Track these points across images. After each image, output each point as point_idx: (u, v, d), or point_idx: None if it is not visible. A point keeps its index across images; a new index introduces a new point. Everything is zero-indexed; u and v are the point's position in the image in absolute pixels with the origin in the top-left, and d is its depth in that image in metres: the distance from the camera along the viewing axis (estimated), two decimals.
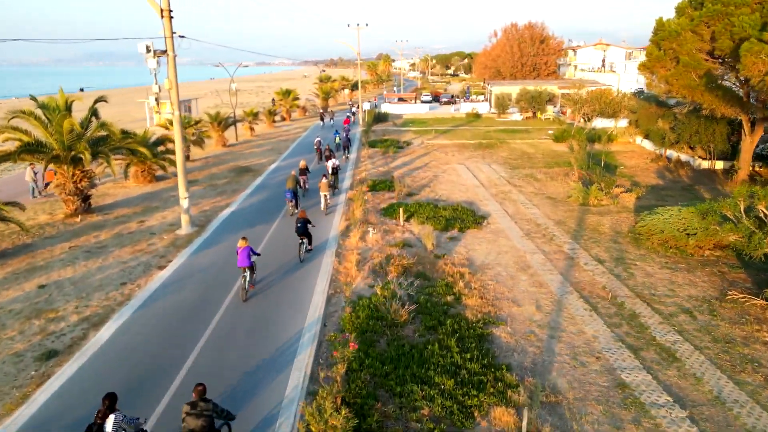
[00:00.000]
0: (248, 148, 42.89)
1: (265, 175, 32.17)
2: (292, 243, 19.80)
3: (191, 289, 15.81)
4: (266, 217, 23.34)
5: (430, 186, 29.63)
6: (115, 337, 13.03)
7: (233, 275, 16.71)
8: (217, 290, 15.78)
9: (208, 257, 18.50)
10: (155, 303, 14.91)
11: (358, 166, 35.89)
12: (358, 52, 58.93)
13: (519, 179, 31.38)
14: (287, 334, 13.17)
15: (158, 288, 15.90)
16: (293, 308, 14.58)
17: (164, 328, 13.45)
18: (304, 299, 15.15)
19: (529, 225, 22.39)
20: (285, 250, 19.27)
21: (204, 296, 15.34)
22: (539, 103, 62.24)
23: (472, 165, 35.91)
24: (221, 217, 23.38)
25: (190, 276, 16.81)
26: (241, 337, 13.02)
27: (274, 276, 16.93)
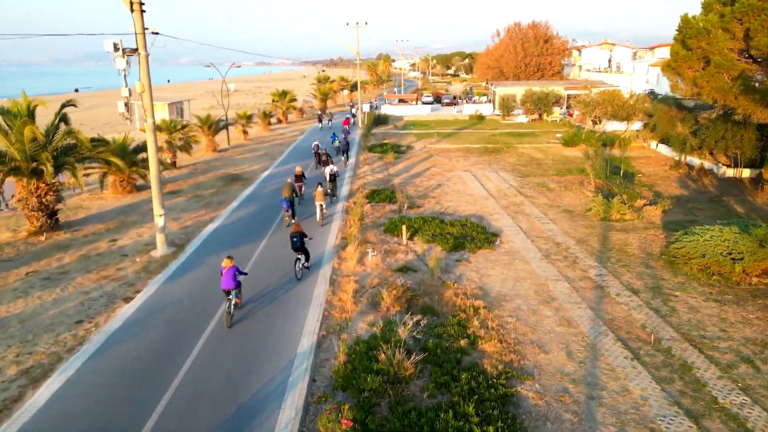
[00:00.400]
0: (240, 153, 40.50)
1: (256, 185, 29.78)
2: (283, 261, 17.50)
3: (158, 330, 13.42)
4: (255, 234, 20.96)
5: (435, 196, 27.25)
6: (55, 399, 10.64)
7: (211, 307, 14.35)
8: (190, 329, 13.39)
9: (184, 285, 16.11)
10: (112, 349, 12.52)
11: (356, 173, 33.53)
12: (357, 51, 56.58)
13: (530, 189, 29.00)
14: (267, 394, 10.78)
15: (119, 328, 13.50)
16: (276, 356, 12.19)
17: (118, 385, 11.07)
18: (290, 344, 12.75)
19: (548, 244, 20.00)
20: (275, 271, 16.93)
21: (172, 339, 12.95)
22: (546, 105, 59.88)
23: (478, 172, 33.53)
24: (203, 235, 20.98)
25: (159, 311, 14.42)
26: (211, 400, 10.64)
27: (260, 306, 14.55)
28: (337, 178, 28.21)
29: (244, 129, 45.41)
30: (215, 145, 39.21)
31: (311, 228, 22.18)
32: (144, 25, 17.30)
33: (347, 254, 18.46)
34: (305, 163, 35.97)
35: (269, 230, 21.59)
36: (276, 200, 26.05)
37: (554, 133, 50.43)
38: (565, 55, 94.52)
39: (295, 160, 36.31)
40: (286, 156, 39.34)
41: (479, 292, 15.65)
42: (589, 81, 76.63)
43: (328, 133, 47.15)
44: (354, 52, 56.86)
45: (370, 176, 32.75)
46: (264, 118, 51.81)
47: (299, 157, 38.90)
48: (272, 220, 23.01)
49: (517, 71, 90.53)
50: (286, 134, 51.40)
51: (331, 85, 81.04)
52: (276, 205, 25.24)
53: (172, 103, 53.50)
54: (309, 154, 39.97)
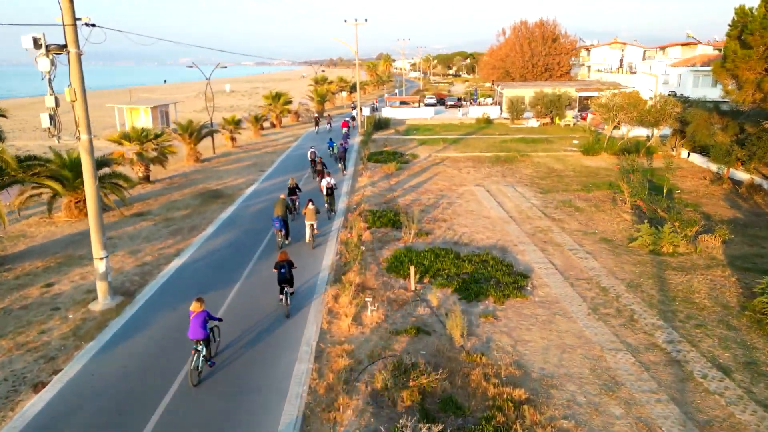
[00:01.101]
0: (226, 163, 36.46)
1: (238, 204, 25.75)
2: (262, 309, 13.49)
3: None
4: (229, 273, 16.95)
5: (446, 218, 23.23)
6: None
7: (157, 391, 10.33)
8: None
9: (124, 358, 12.11)
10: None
11: (355, 186, 29.52)
12: (356, 51, 52.58)
13: (556, 209, 24.98)
14: None
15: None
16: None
17: None
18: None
19: (592, 289, 15.98)
20: (252, 318, 12.92)
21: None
22: (558, 108, 55.85)
23: (493, 187, 29.51)
24: (163, 276, 16.95)
25: (77, 409, 10.41)
26: None
27: (227, 378, 10.55)
28: (335, 191, 24.59)
29: (231, 135, 41.39)
30: (197, 154, 35.20)
31: (300, 251, 18.95)
32: (75, 14, 13.27)
33: (340, 307, 14.44)
34: (299, 174, 32.02)
35: (247, 266, 17.57)
36: (259, 224, 22.10)
37: (570, 139, 46.44)
38: (573, 55, 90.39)
39: (287, 172, 32.36)
40: (277, 166, 35.33)
41: (516, 372, 11.61)
42: (601, 82, 72.62)
43: (326, 138, 43.25)
44: (353, 52, 52.86)
45: (371, 190, 28.76)
46: (255, 122, 47.78)
47: (292, 167, 34.92)
48: (253, 250, 19.00)
49: (523, 72, 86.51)
50: (279, 140, 47.36)
51: (329, 87, 76.97)
52: (259, 231, 21.28)
53: (156, 106, 49.51)
54: (304, 163, 36.01)
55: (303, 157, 38.07)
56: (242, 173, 32.99)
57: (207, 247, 19.61)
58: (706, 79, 52.68)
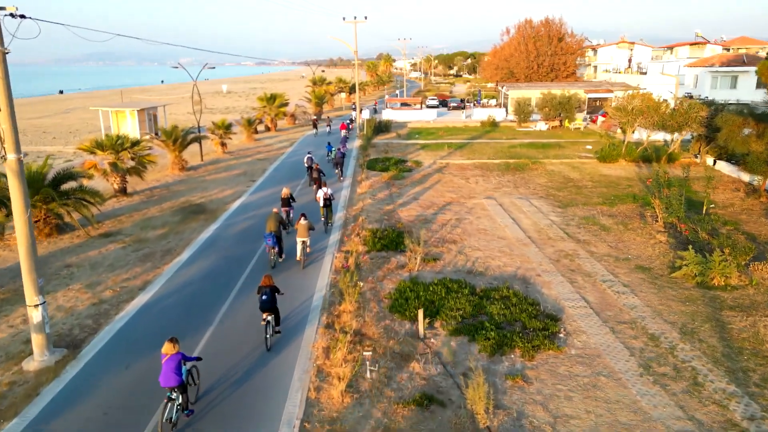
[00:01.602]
0: (214, 171, 33.69)
1: (221, 221, 22.98)
2: (237, 361, 10.75)
3: None
4: (200, 315, 14.19)
5: (456, 239, 20.48)
6: None
7: None
8: None
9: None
10: None
11: (353, 199, 26.76)
12: (355, 50, 49.86)
13: (579, 227, 22.22)
14: None
15: None
16: None
17: None
18: None
19: (639, 337, 13.19)
20: (222, 381, 10.14)
21: None
22: (568, 111, 53.06)
23: (505, 200, 26.74)
24: (122, 318, 14.17)
25: None
26: None
27: None
28: (332, 202, 22.39)
29: (221, 141, 38.62)
30: (183, 163, 32.43)
31: (290, 273, 16.86)
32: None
33: (332, 365, 11.66)
34: (293, 184, 29.28)
35: (224, 305, 14.80)
36: (243, 248, 19.37)
37: (582, 144, 43.67)
38: (579, 55, 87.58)
39: (280, 181, 29.61)
40: (269, 175, 32.56)
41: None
42: (610, 83, 69.91)
43: (324, 142, 40.62)
44: (352, 51, 50.11)
45: (370, 202, 26.02)
46: (248, 126, 44.99)
47: (286, 175, 32.18)
48: (232, 283, 16.23)
49: (528, 72, 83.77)
50: (273, 145, 44.58)
51: (327, 88, 74.16)
52: (242, 257, 18.53)
53: (143, 109, 46.70)
54: (299, 171, 33.35)
55: (298, 164, 35.36)
56: (230, 183, 30.20)
57: (179, 278, 16.82)
58: (725, 80, 50.02)
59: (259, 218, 22.86)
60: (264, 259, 18.35)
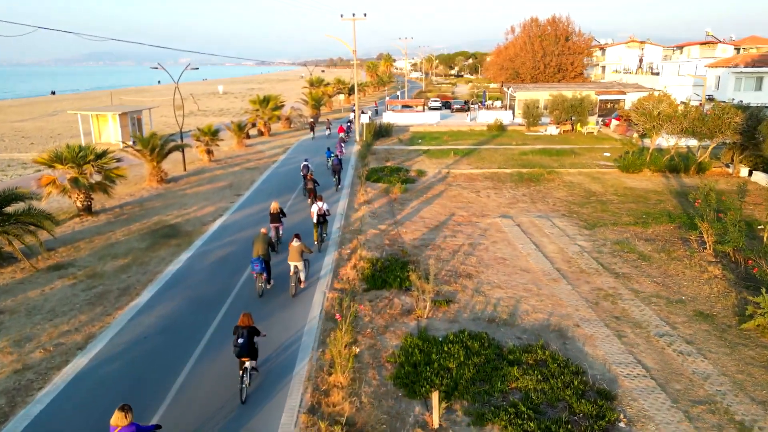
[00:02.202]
0: (196, 183, 30.41)
1: (196, 247, 19.71)
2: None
3: None
4: (150, 389, 10.95)
5: (471, 273, 17.24)
6: None
7: None
8: None
9: None
10: None
11: (350, 218, 23.53)
12: (353, 50, 46.61)
13: (613, 255, 18.97)
14: None
15: None
16: None
17: None
18: None
19: (723, 428, 9.95)
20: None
21: None
22: (581, 114, 49.80)
23: (523, 219, 23.52)
24: (47, 394, 10.88)
25: None
26: None
27: None
28: (327, 218, 19.92)
29: (207, 148, 35.35)
30: (161, 174, 29.15)
31: (280, 300, 14.62)
32: None
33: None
34: (284, 198, 26.05)
35: (183, 371, 11.55)
36: (216, 285, 16.15)
37: (599, 151, 40.43)
38: (587, 55, 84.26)
39: (269, 195, 26.39)
40: (258, 187, 29.31)
41: None
42: (622, 84, 66.71)
43: (322, 147, 37.59)
44: (350, 50, 46.86)
45: (370, 221, 22.82)
46: (238, 131, 41.71)
47: (276, 188, 28.96)
48: (197, 336, 12.99)
49: (534, 73, 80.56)
50: (265, 152, 41.32)
51: (325, 89, 70.86)
52: (214, 298, 15.32)
53: (126, 112, 43.45)
54: (292, 182, 30.19)
55: (291, 174, 32.16)
56: (212, 198, 26.93)
57: (131, 331, 13.54)
58: (749, 82, 46.79)
59: (241, 243, 19.66)
60: (242, 298, 15.17)
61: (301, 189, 27.49)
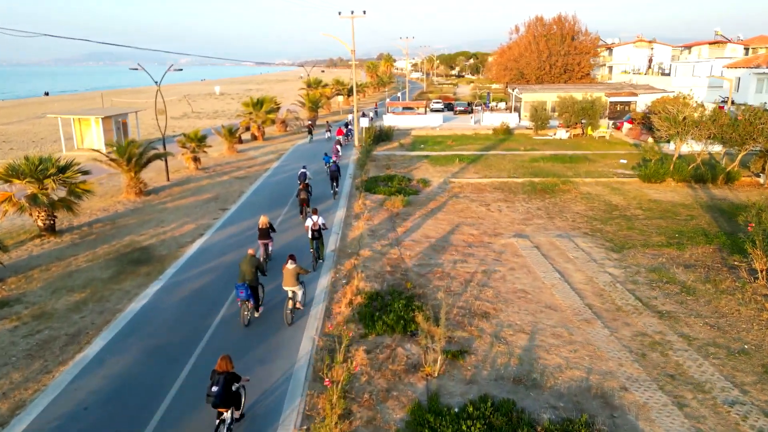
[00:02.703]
0: (179, 195, 27.76)
1: (169, 276, 17.05)
2: None
3: None
4: None
5: (487, 309, 14.62)
6: None
7: None
8: None
9: None
10: None
11: (347, 237, 20.90)
12: (352, 49, 43.99)
13: (651, 285, 16.34)
14: None
15: None
16: None
17: None
18: None
19: None
20: None
21: None
22: (592, 117, 47.15)
23: (541, 238, 20.89)
24: None
25: None
26: None
27: None
28: (324, 231, 18.25)
29: (193, 156, 32.70)
30: (140, 186, 26.50)
31: (269, 333, 13.25)
32: None
33: None
34: (274, 214, 23.41)
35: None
36: (190, 326, 13.58)
37: (614, 158, 37.80)
38: (594, 55, 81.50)
39: (259, 209, 23.76)
40: (247, 200, 26.66)
41: None
42: (632, 85, 64.07)
43: (320, 152, 35.24)
44: (349, 50, 44.24)
45: (368, 240, 20.20)
46: (229, 137, 39.05)
47: (267, 199, 26.36)
48: (155, 400, 10.36)
49: (540, 73, 77.88)
50: (257, 158, 38.69)
51: (323, 90, 68.19)
52: (182, 348, 12.66)
53: (110, 116, 40.79)
54: (283, 193, 27.70)
55: (284, 184, 29.58)
56: (195, 213, 24.28)
57: (71, 397, 10.88)
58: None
59: (221, 271, 17.07)
60: (216, 343, 12.54)
61: (295, 200, 24.94)
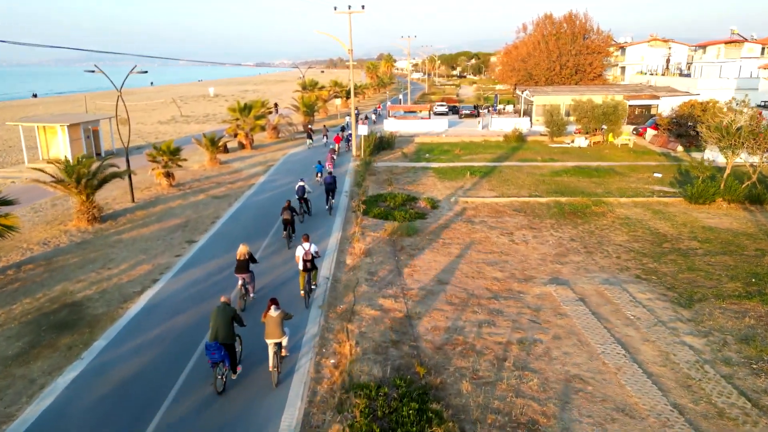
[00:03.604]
0: (140, 222, 23.29)
1: (98, 351, 12.59)
2: None
3: None
4: None
5: (535, 418, 10.24)
6: None
7: None
8: None
9: None
10: None
11: (338, 283, 16.50)
12: (349, 49, 39.61)
13: (751, 368, 11.95)
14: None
15: None
16: None
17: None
18: None
19: None
20: None
21: None
22: (614, 122, 42.74)
23: (585, 285, 16.48)
24: None
25: None
26: None
27: None
28: (317, 260, 15.08)
29: (166, 171, 28.27)
30: (93, 211, 22.05)
31: (249, 398, 10.91)
32: None
33: None
34: (256, 245, 18.94)
35: None
36: (131, 421, 9.07)
37: (645, 170, 33.40)
38: (606, 54, 77.00)
39: (236, 237, 19.40)
40: (222, 227, 22.21)
41: None
42: (652, 87, 59.69)
43: (316, 158, 31.16)
44: (345, 49, 39.83)
45: (366, 292, 15.79)
46: (210, 147, 34.60)
47: (250, 225, 21.97)
48: None
49: (549, 74, 73.48)
50: (242, 171, 34.27)
51: (319, 93, 63.74)
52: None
53: (78, 123, 36.37)
54: (268, 217, 23.40)
55: (270, 204, 25.25)
56: (153, 248, 19.83)
57: None
58: None
59: (171, 340, 12.68)
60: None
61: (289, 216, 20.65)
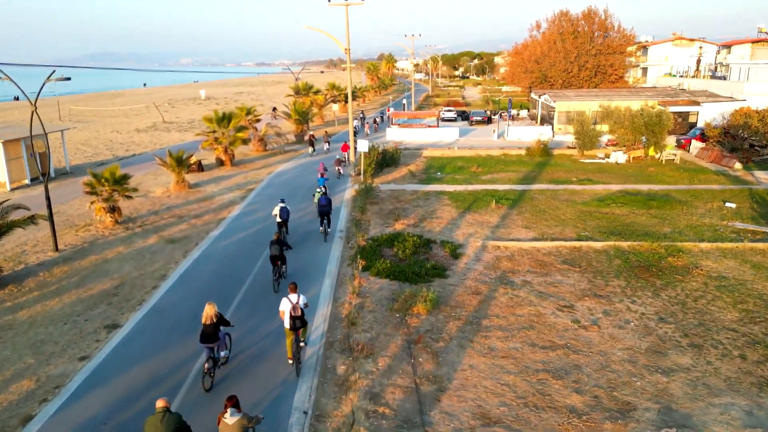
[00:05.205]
0: (49, 290, 16.89)
1: None
2: None
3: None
4: None
5: None
6: None
7: None
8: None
9: None
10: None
11: (324, 407, 10.15)
12: (346, 48, 33.27)
13: None
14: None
15: None
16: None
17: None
18: None
19: None
20: None
21: None
22: (659, 134, 36.37)
23: (720, 428, 10.13)
24: None
25: None
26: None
27: None
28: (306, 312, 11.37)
29: (109, 205, 21.90)
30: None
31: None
32: None
33: None
34: (224, 305, 12.58)
35: None
36: None
37: (709, 195, 27.06)
38: (628, 55, 70.50)
39: (186, 312, 13.01)
40: (167, 295, 15.80)
41: None
42: (684, 91, 53.33)
43: (310, 181, 25.05)
44: (342, 48, 33.49)
45: (364, 411, 9.44)
46: (176, 168, 28.20)
47: (208, 287, 15.49)
48: None
49: (567, 76, 67.09)
50: (215, 198, 27.87)
51: (315, 98, 57.29)
52: None
53: (18, 139, 30.00)
54: (238, 271, 16.87)
55: (241, 252, 18.84)
56: (54, 340, 13.45)
57: None
58: None
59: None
60: None
61: (267, 283, 14.55)
